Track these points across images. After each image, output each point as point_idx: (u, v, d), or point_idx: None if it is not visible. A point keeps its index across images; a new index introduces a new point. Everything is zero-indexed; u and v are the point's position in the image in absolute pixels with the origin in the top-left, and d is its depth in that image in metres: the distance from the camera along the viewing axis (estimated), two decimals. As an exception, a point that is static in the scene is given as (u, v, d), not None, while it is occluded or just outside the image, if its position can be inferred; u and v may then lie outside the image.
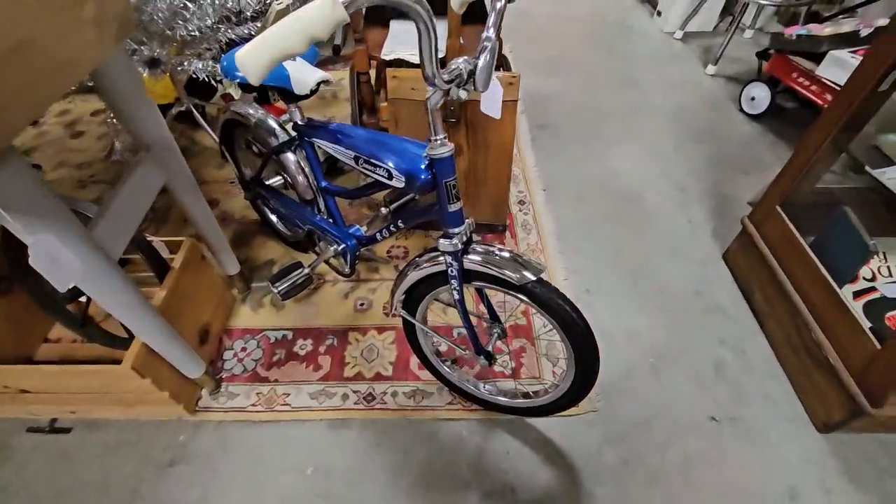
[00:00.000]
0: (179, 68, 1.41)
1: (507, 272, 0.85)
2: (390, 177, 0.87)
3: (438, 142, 0.77)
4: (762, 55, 2.09)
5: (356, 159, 0.92)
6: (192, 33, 1.41)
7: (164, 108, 1.88)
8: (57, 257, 0.64)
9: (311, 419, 1.16)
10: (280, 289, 1.21)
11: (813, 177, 1.21)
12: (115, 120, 1.39)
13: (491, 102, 0.88)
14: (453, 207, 0.85)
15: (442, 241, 0.88)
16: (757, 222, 1.36)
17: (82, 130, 2.02)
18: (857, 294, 1.19)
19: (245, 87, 1.01)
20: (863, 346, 1.01)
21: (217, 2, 1.29)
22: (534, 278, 0.84)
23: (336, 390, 1.20)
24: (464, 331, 1.00)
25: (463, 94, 0.72)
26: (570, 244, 1.58)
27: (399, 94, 1.36)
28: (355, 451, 1.11)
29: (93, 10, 0.68)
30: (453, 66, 0.68)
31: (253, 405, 1.18)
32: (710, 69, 2.40)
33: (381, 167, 0.88)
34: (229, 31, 1.49)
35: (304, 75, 0.97)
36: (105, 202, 0.86)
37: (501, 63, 1.69)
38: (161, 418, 1.15)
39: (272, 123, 1.19)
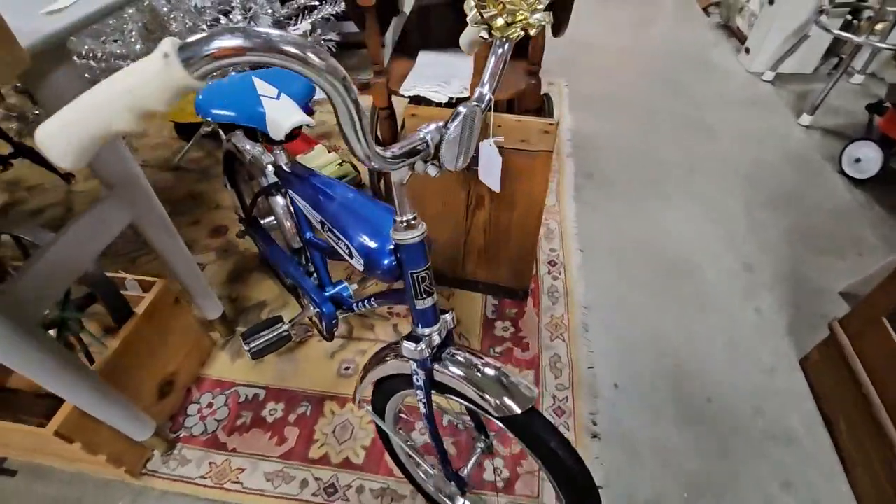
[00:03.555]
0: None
1: (487, 398, 0.65)
2: (351, 254, 0.70)
3: (404, 223, 0.59)
4: (875, 108, 1.73)
5: (322, 224, 0.77)
6: None
7: (192, 127, 1.86)
8: None
9: (261, 506, 1.00)
10: (252, 346, 1.08)
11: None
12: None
13: (488, 171, 0.70)
14: (422, 304, 0.66)
15: (406, 343, 0.68)
16: (852, 331, 1.04)
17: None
18: None
19: (226, 127, 0.89)
20: None
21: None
22: (519, 411, 0.63)
23: (296, 474, 1.04)
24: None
25: (431, 171, 0.54)
26: (603, 321, 1.32)
27: (416, 135, 1.20)
28: (302, 558, 0.93)
29: None
30: (416, 137, 0.50)
31: (202, 477, 1.04)
32: (805, 119, 2.05)
33: (342, 241, 0.71)
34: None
35: (280, 116, 0.83)
36: (36, 253, 0.76)
37: (543, 104, 1.49)
38: (105, 476, 1.04)
39: (266, 162, 1.06)
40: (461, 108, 0.48)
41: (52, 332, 1.09)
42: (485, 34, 0.55)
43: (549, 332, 1.29)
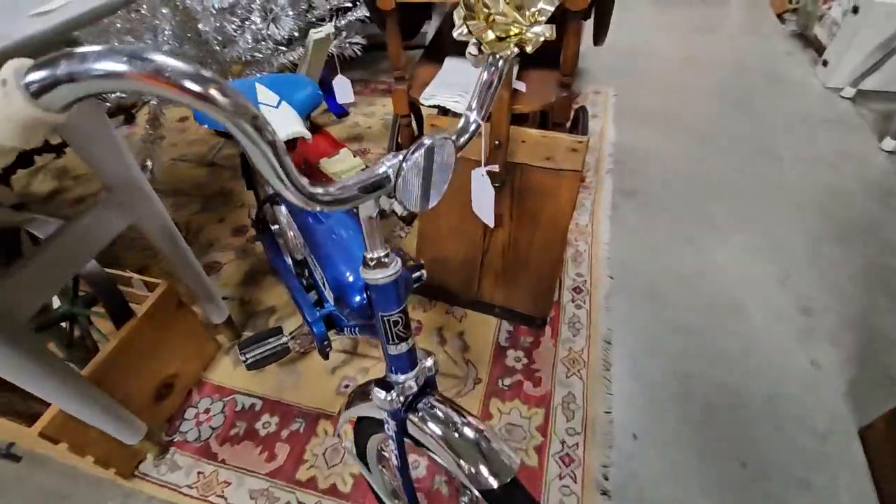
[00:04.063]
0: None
1: (462, 464, 0.57)
2: (324, 284, 0.64)
3: (374, 261, 0.52)
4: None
5: (304, 247, 0.71)
6: (256, 53, 1.33)
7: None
8: None
9: (243, 525, 0.96)
10: (248, 357, 1.04)
11: None
12: (152, 132, 1.36)
13: (481, 203, 0.62)
14: (395, 350, 0.59)
15: (376, 390, 0.61)
16: (926, 410, 0.87)
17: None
18: None
19: (221, 134, 0.86)
20: None
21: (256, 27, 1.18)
22: (495, 485, 0.55)
23: (280, 495, 0.99)
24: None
25: (398, 209, 0.47)
26: (627, 360, 1.20)
27: (434, 147, 1.13)
28: (275, 587, 0.89)
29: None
30: (376, 171, 0.42)
31: (189, 486, 1.02)
32: (889, 143, 1.80)
33: (317, 268, 0.65)
34: (285, 53, 1.39)
35: (274, 126, 0.78)
36: (25, 257, 0.75)
37: (578, 116, 1.37)
38: (97, 474, 1.04)
39: (269, 169, 1.03)
40: (425, 140, 0.40)
41: (64, 325, 1.12)
42: (474, 50, 0.47)
43: (565, 366, 1.19)
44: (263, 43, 1.34)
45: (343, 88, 1.31)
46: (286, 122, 0.79)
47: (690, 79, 2.33)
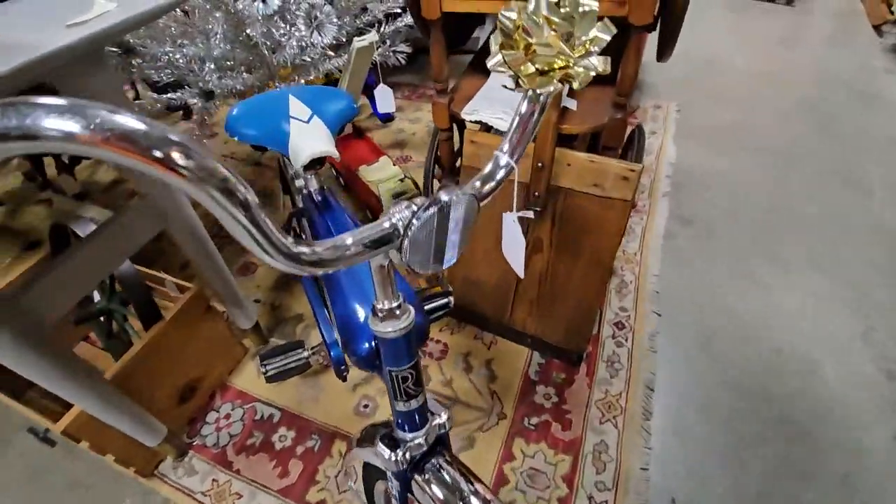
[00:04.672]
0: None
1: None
2: (333, 323, 0.59)
3: (383, 312, 0.47)
4: None
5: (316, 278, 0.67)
6: (304, 58, 1.32)
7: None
8: None
9: (249, 542, 0.95)
10: (268, 370, 1.03)
11: None
12: (198, 133, 1.38)
13: (511, 249, 0.54)
14: (403, 406, 0.53)
15: (380, 447, 0.56)
16: None
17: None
18: None
19: (257, 147, 0.84)
20: None
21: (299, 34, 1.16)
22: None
23: (289, 515, 0.97)
24: None
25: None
26: (671, 412, 1.08)
27: (475, 163, 1.08)
28: None
29: None
30: (380, 225, 0.36)
31: (203, 493, 1.01)
32: None
33: (329, 303, 0.61)
34: (331, 59, 1.37)
35: (304, 143, 0.75)
36: (56, 260, 0.76)
37: (633, 137, 1.26)
38: (119, 470, 1.06)
39: (298, 185, 1.01)
40: (441, 196, 0.34)
41: (101, 320, 1.15)
42: (510, 83, 0.40)
43: (599, 411, 1.09)
44: (311, 48, 1.32)
45: (385, 98, 1.27)
46: (316, 139, 0.76)
47: (767, 95, 2.12)
